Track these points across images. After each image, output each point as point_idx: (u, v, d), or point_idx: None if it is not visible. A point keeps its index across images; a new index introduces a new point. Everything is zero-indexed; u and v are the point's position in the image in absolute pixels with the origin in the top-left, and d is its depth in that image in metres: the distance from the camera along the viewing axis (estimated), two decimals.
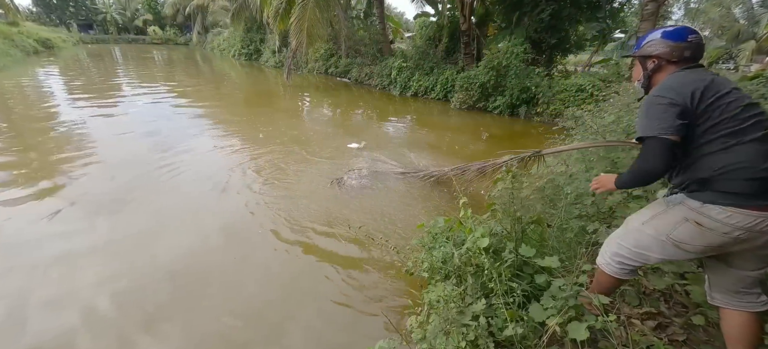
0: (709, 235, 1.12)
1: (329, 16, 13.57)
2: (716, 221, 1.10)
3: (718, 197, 1.10)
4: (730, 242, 1.11)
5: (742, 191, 1.06)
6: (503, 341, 1.49)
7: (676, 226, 1.19)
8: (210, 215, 3.66)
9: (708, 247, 1.16)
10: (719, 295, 1.28)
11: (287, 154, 5.47)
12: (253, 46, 22.40)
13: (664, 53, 1.25)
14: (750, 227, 1.05)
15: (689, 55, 1.23)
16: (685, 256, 1.24)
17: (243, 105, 9.83)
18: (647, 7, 7.57)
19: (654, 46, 1.27)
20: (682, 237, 1.18)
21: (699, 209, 1.14)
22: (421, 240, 2.43)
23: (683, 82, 1.16)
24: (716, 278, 1.27)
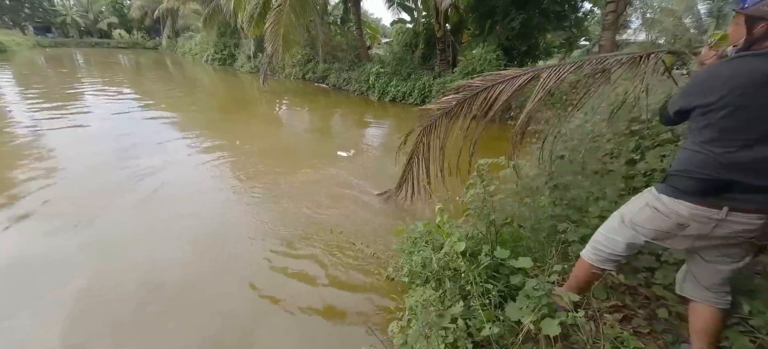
0: (661, 219, 1.25)
1: (306, 22, 13.47)
2: (667, 206, 1.22)
3: (671, 191, 1.22)
4: (674, 227, 1.23)
5: (689, 190, 1.17)
6: (481, 341, 1.53)
7: (641, 209, 1.32)
8: (184, 225, 3.52)
9: (659, 231, 1.28)
10: (691, 287, 1.37)
11: (264, 162, 5.36)
12: (227, 51, 21.83)
13: None
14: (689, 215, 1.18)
15: None
16: (638, 238, 1.34)
17: (218, 111, 9.55)
18: (608, 17, 8.06)
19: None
20: (640, 218, 1.32)
21: (657, 196, 1.27)
22: (401, 245, 2.46)
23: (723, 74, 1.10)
24: (697, 270, 1.34)
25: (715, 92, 1.09)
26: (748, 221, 1.10)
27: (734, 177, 1.08)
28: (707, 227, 1.16)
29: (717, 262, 1.26)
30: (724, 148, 1.09)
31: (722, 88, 1.07)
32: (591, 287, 1.62)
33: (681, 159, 1.21)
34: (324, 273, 2.86)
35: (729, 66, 1.11)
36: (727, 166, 1.09)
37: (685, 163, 1.19)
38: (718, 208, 1.12)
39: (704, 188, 1.14)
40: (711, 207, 1.13)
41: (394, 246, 2.59)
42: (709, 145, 1.12)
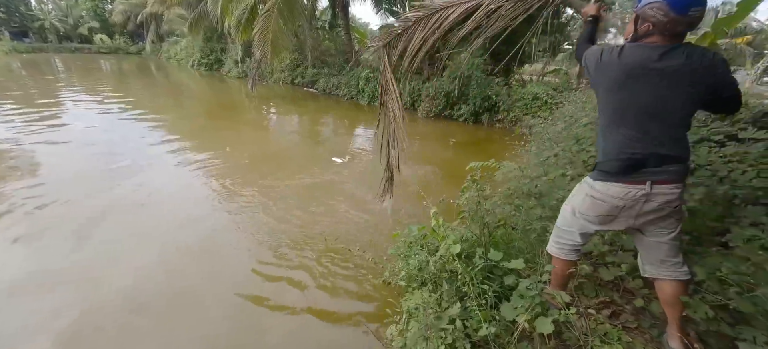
0: (599, 204, 1.38)
1: (294, 27, 13.46)
2: (600, 191, 1.36)
3: (600, 175, 1.38)
4: (611, 209, 1.35)
5: (613, 170, 1.33)
6: (479, 341, 1.58)
7: (582, 199, 1.45)
8: (175, 235, 3.47)
9: (600, 216, 1.40)
10: (649, 267, 1.47)
11: (256, 169, 5.33)
12: (214, 56, 21.56)
13: (659, 24, 1.21)
14: (621, 194, 1.31)
15: (681, 31, 1.21)
16: (588, 226, 1.47)
17: (206, 117, 9.42)
18: None
19: (654, 11, 1.20)
20: (583, 208, 1.45)
21: (591, 184, 1.41)
22: (397, 249, 2.50)
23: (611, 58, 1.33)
24: (645, 251, 1.46)
25: (607, 76, 1.31)
26: (670, 192, 1.26)
27: (642, 152, 1.26)
28: (639, 204, 1.29)
29: (656, 235, 1.38)
30: (628, 127, 1.28)
31: (612, 73, 1.30)
32: (570, 280, 1.70)
33: (602, 144, 1.38)
34: (318, 281, 2.87)
35: (614, 56, 1.30)
36: (632, 142, 1.27)
37: (605, 148, 1.36)
38: (642, 183, 1.26)
39: (624, 166, 1.29)
40: (635, 183, 1.27)
41: (389, 250, 2.63)
42: (616, 125, 1.31)
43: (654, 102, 1.23)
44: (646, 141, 1.26)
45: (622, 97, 1.27)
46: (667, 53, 1.20)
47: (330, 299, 2.69)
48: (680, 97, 1.22)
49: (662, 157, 1.25)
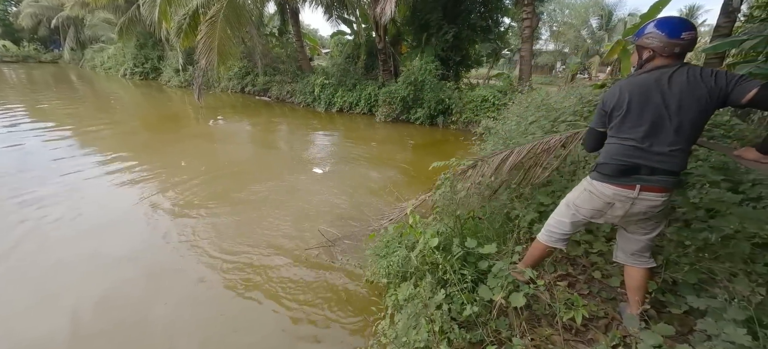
0: (594, 199, 1.56)
1: (241, 34, 12.92)
2: (597, 189, 1.55)
3: (598, 176, 1.55)
4: (603, 206, 1.55)
5: (609, 173, 1.51)
6: (463, 321, 1.73)
7: (580, 194, 1.64)
8: (125, 259, 3.19)
9: (593, 210, 1.60)
10: (622, 255, 1.72)
11: (213, 184, 5.06)
12: (150, 63, 19.80)
13: (657, 47, 1.38)
14: (612, 195, 1.50)
15: (679, 52, 1.36)
16: (579, 217, 1.67)
17: (145, 131, 8.64)
18: (525, 31, 9.25)
19: (650, 39, 1.39)
20: (580, 202, 1.63)
21: (590, 181, 1.59)
22: (375, 249, 2.59)
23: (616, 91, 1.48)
24: (622, 242, 1.71)
25: (620, 98, 1.46)
26: (655, 198, 1.45)
27: (637, 160, 1.44)
28: (627, 205, 1.50)
29: (636, 233, 1.63)
30: (628, 136, 1.45)
31: (623, 95, 1.45)
32: (543, 261, 1.94)
33: (604, 150, 1.58)
34: (298, 288, 2.85)
35: (628, 80, 1.48)
36: (630, 150, 1.44)
37: (606, 153, 1.55)
38: (632, 187, 1.45)
39: (620, 170, 1.48)
40: (627, 187, 1.47)
41: (366, 251, 2.71)
42: (620, 137, 1.48)
43: (657, 115, 1.37)
44: (643, 153, 1.41)
45: (631, 111, 1.42)
46: (673, 74, 1.35)
47: (308, 305, 2.68)
48: (685, 113, 1.34)
49: (654, 169, 1.41)
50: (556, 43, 31.25)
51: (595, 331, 1.77)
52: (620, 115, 1.46)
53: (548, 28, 30.12)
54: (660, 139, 1.39)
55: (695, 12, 25.27)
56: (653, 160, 1.40)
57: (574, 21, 28.78)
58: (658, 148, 1.39)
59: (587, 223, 1.71)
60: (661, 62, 1.40)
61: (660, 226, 1.61)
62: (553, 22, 29.77)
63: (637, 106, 1.41)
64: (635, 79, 1.45)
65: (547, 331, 1.75)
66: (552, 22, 29.73)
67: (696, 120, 1.35)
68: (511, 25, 14.94)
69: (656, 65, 1.42)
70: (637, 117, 1.42)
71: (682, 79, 1.34)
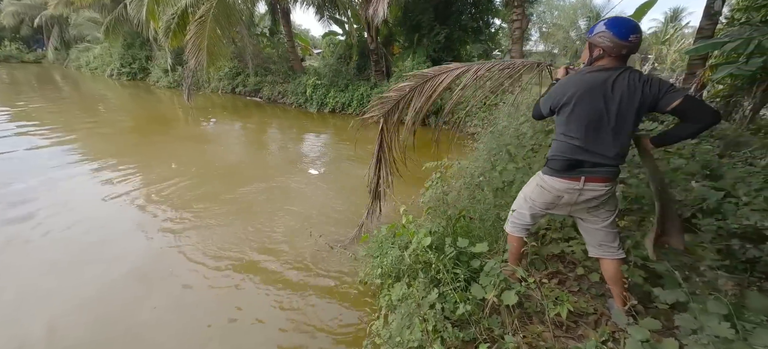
0: (546, 194, 1.67)
1: (232, 34, 12.78)
2: (548, 183, 1.66)
3: (548, 171, 1.67)
4: (554, 199, 1.65)
5: (558, 168, 1.62)
6: (456, 320, 1.75)
7: (533, 188, 1.75)
8: (110, 263, 3.13)
9: (546, 203, 1.70)
10: (592, 248, 1.77)
11: (207, 184, 4.99)
12: (138, 64, 19.42)
13: (606, 46, 1.47)
14: (561, 188, 1.61)
15: (625, 53, 1.46)
16: (537, 210, 1.77)
17: (133, 133, 8.48)
18: (515, 32, 9.36)
19: (600, 38, 1.48)
20: (534, 195, 1.74)
21: (541, 176, 1.71)
22: (369, 250, 2.59)
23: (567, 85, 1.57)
24: (586, 236, 1.78)
25: (569, 95, 1.54)
26: (598, 188, 1.56)
27: (580, 157, 1.55)
28: (574, 196, 1.61)
29: (592, 223, 1.70)
30: (573, 135, 1.55)
31: (572, 92, 1.53)
32: (523, 255, 1.99)
33: (553, 147, 1.67)
34: (293, 290, 2.84)
35: (579, 77, 1.55)
36: (575, 149, 1.55)
37: (554, 150, 1.65)
38: (578, 180, 1.57)
39: (566, 165, 1.58)
40: (573, 180, 1.58)
41: (360, 253, 2.71)
42: (567, 136, 1.58)
43: (598, 118, 1.49)
44: (586, 149, 1.54)
45: (575, 111, 1.53)
46: (616, 78, 1.45)
47: (303, 307, 2.67)
48: (623, 117, 1.46)
49: (596, 163, 1.54)
50: (546, 44, 31.70)
51: (584, 327, 1.80)
52: (566, 112, 1.57)
53: (538, 29, 30.54)
54: (600, 140, 1.51)
55: (679, 14, 25.91)
56: (595, 157, 1.54)
57: (563, 22, 29.23)
58: (599, 149, 1.52)
59: (545, 214, 1.82)
60: (609, 63, 1.49)
61: (612, 214, 1.68)
62: (542, 23, 30.20)
63: (583, 107, 1.51)
64: (585, 77, 1.53)
65: (538, 328, 1.77)
66: (541, 23, 30.16)
67: (632, 123, 1.48)
68: (502, 26, 15.10)
69: (604, 66, 1.50)
70: (582, 117, 1.52)
71: (624, 84, 1.44)
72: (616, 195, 1.69)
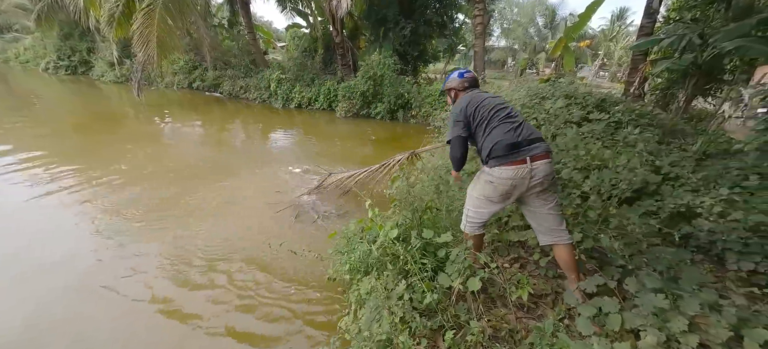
0: (499, 186, 1.74)
1: (185, 25, 11.97)
2: (498, 176, 1.73)
3: (494, 162, 1.74)
4: (509, 187, 1.72)
5: (501, 154, 1.71)
6: (424, 309, 1.77)
7: (484, 186, 1.81)
8: (52, 276, 2.84)
9: (502, 194, 1.77)
10: (542, 236, 1.85)
11: (158, 189, 4.66)
12: (78, 56, 17.68)
13: (456, 86, 2.07)
14: (513, 175, 1.69)
15: (468, 85, 2.05)
16: (494, 206, 1.83)
17: (75, 133, 7.71)
18: (477, 27, 9.63)
19: (451, 83, 2.10)
20: (487, 193, 1.80)
21: (489, 172, 1.77)
22: (337, 246, 2.56)
23: (461, 104, 1.91)
24: (535, 224, 1.85)
25: (474, 105, 1.86)
26: (544, 166, 1.68)
27: (513, 139, 1.70)
28: (526, 178, 1.69)
29: (538, 206, 1.78)
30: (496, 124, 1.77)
31: (474, 101, 1.88)
32: (483, 244, 2.08)
33: (485, 145, 1.79)
34: (260, 292, 2.73)
35: (462, 100, 1.94)
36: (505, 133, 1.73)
37: (488, 145, 1.76)
38: (524, 162, 1.67)
39: (507, 149, 1.70)
40: (520, 163, 1.68)
41: (328, 250, 2.67)
42: (492, 125, 1.78)
43: (502, 110, 1.82)
44: (513, 129, 1.74)
45: (483, 111, 1.83)
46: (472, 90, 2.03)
47: (271, 307, 2.59)
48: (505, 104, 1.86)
49: (531, 140, 1.72)
50: (507, 40, 32.99)
51: (544, 307, 1.90)
52: (478, 117, 1.83)
53: (499, 25, 31.68)
54: (515, 118, 1.80)
55: (624, 13, 28.07)
56: (526, 134, 1.73)
57: (522, 19, 30.55)
58: (519, 124, 1.77)
59: (502, 207, 1.87)
60: (463, 94, 2.03)
61: (555, 196, 1.81)
62: (503, 20, 31.36)
63: (484, 106, 1.84)
64: (465, 98, 1.93)
65: (501, 311, 1.85)
66: (503, 20, 31.31)
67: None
68: (466, 21, 15.47)
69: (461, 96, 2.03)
70: (490, 110, 1.82)
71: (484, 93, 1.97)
72: (556, 178, 1.82)
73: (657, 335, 1.33)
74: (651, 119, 4.43)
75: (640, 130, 3.81)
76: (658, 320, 1.40)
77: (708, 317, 1.39)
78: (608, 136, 3.40)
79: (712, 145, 3.99)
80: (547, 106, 3.96)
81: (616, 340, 1.44)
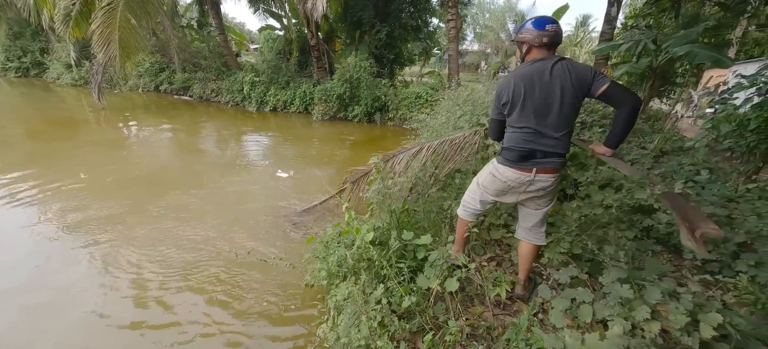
0: (498, 181, 1.74)
1: (151, 25, 11.41)
2: (501, 173, 1.72)
3: (502, 159, 1.72)
4: (506, 187, 1.72)
5: (511, 158, 1.67)
6: (403, 312, 1.77)
7: (486, 175, 1.81)
8: (4, 295, 2.59)
9: (498, 190, 1.77)
10: (521, 231, 1.91)
11: (121, 197, 4.39)
12: (30, 57, 16.41)
13: (531, 40, 1.60)
14: (514, 178, 1.68)
15: (547, 42, 1.59)
16: (489, 196, 1.84)
17: (28, 140, 7.12)
18: (451, 32, 9.84)
19: (525, 34, 1.62)
20: (487, 183, 1.80)
21: (496, 166, 1.75)
22: (314, 251, 2.51)
23: (515, 78, 1.62)
24: (522, 219, 1.90)
25: (511, 90, 1.62)
26: (547, 179, 1.64)
27: (533, 147, 1.60)
28: (525, 185, 1.69)
29: (532, 208, 1.82)
30: (524, 125, 1.61)
31: (513, 87, 1.61)
32: (468, 241, 2.09)
33: (507, 138, 1.73)
34: (234, 300, 2.62)
35: (517, 73, 1.63)
36: (527, 138, 1.61)
37: (508, 141, 1.71)
38: (529, 171, 1.63)
39: (520, 156, 1.64)
40: (525, 171, 1.65)
41: (305, 255, 2.61)
42: (518, 126, 1.64)
43: (544, 104, 1.56)
44: (536, 138, 1.59)
45: (522, 102, 1.59)
46: (552, 66, 1.54)
47: (246, 316, 2.49)
48: (564, 101, 1.53)
49: (546, 153, 1.60)
50: (480, 43, 33.96)
51: (519, 303, 1.95)
52: (514, 104, 1.63)
53: (472, 30, 32.57)
54: (548, 124, 1.57)
55: (587, 20, 29.68)
56: (546, 145, 1.59)
57: (493, 24, 31.57)
58: (548, 132, 1.58)
59: (494, 201, 1.88)
60: (538, 54, 1.61)
61: (551, 202, 1.82)
62: (476, 24, 32.27)
63: (527, 96, 1.58)
64: (522, 70, 1.62)
65: (479, 309, 1.88)
66: (475, 24, 32.22)
67: (572, 106, 1.56)
68: (440, 25, 15.77)
69: (535, 57, 1.61)
70: (528, 106, 1.59)
71: (560, 71, 1.54)
72: (556, 189, 1.79)
73: (623, 325, 1.40)
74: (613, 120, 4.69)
75: (603, 130, 4.02)
76: (624, 310, 1.47)
77: (668, 304, 1.47)
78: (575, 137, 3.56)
79: (667, 143, 4.28)
80: None
81: (587, 331, 1.50)
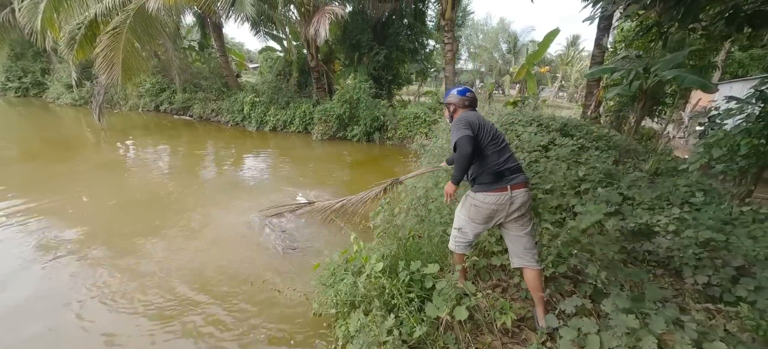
0: (483, 210, 1.89)
1: (154, 47, 11.61)
2: (482, 201, 1.88)
3: (478, 188, 1.91)
4: (492, 212, 1.87)
5: (486, 182, 1.88)
6: (414, 343, 1.79)
7: (469, 209, 1.96)
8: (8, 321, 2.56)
9: (485, 217, 1.91)
10: (515, 259, 1.96)
11: (125, 221, 4.38)
12: (31, 77, 16.53)
13: (456, 103, 2.10)
14: (495, 201, 1.85)
15: (468, 104, 2.10)
16: (478, 227, 1.96)
17: (26, 161, 7.11)
18: (448, 54, 10.13)
19: (451, 99, 2.13)
20: (472, 215, 1.94)
21: (474, 197, 1.92)
22: (321, 278, 2.52)
23: (467, 117, 1.94)
24: (511, 246, 1.97)
25: (477, 123, 1.91)
26: (522, 194, 1.84)
27: (502, 168, 1.86)
28: (506, 205, 1.84)
29: (516, 231, 1.92)
30: (492, 151, 1.89)
31: (473, 121, 1.90)
32: (467, 269, 2.20)
33: (475, 168, 1.93)
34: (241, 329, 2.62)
35: (463, 116, 1.95)
36: (497, 161, 1.87)
37: (479, 170, 1.91)
38: (505, 189, 1.83)
39: (494, 178, 1.85)
40: (501, 190, 1.83)
41: (312, 282, 2.62)
42: (488, 153, 1.89)
43: (495, 133, 1.94)
44: (504, 158, 1.89)
45: (485, 133, 1.91)
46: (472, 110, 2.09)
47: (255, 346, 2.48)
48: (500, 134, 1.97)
49: (512, 169, 1.88)
50: (474, 63, 34.80)
51: (527, 331, 1.98)
52: (482, 129, 1.92)
53: (467, 50, 33.46)
54: (505, 149, 1.93)
55: (577, 40, 30.66)
56: (510, 164, 1.89)
57: (487, 45, 32.46)
58: (507, 155, 1.91)
59: (484, 229, 2.01)
60: (462, 112, 2.05)
61: (531, 222, 1.96)
62: (470, 45, 33.17)
63: (487, 129, 1.93)
64: (468, 114, 1.98)
65: (488, 338, 1.90)
66: (469, 44, 33.12)
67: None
68: (436, 46, 16.21)
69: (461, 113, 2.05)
70: (490, 135, 1.92)
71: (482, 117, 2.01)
72: (531, 205, 1.99)
73: None
74: (608, 141, 4.84)
75: (600, 152, 4.13)
76: (631, 339, 1.51)
77: (674, 333, 1.51)
78: (573, 160, 3.67)
79: (662, 164, 4.40)
80: (518, 132, 4.22)
81: None
